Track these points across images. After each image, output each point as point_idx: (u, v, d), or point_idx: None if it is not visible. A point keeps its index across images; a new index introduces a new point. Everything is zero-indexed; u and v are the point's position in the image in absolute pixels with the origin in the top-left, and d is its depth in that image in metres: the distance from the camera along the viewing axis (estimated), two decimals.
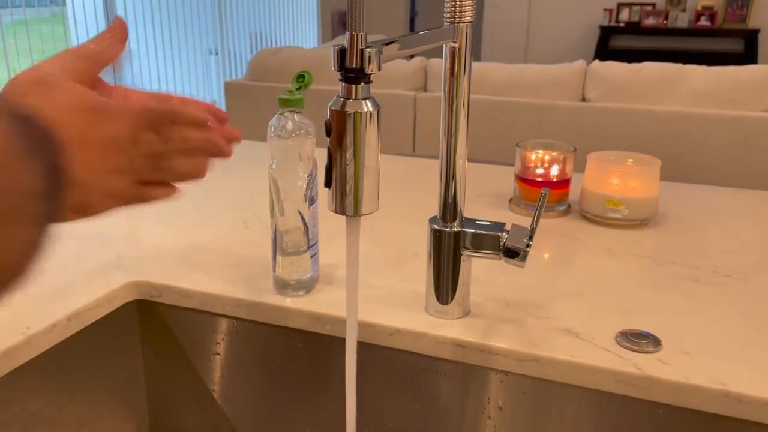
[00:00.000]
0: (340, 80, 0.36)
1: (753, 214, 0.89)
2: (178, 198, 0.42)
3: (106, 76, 0.40)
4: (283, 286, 0.62)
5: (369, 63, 0.36)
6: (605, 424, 0.54)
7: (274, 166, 0.60)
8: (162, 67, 4.38)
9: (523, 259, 0.53)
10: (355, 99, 0.36)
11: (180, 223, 0.82)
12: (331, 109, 0.37)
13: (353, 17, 0.35)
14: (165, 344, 0.66)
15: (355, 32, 0.35)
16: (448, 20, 0.49)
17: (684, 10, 4.95)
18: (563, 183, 0.86)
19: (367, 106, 0.36)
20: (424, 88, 2.52)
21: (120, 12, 3.98)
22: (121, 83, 0.43)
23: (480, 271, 0.65)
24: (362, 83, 0.36)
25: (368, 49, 0.36)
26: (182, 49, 4.46)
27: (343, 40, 0.37)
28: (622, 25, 5.08)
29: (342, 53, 0.36)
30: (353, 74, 0.36)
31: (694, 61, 2.29)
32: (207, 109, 0.42)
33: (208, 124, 0.40)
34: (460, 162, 0.53)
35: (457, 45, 0.50)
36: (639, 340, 0.54)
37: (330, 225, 0.65)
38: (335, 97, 0.37)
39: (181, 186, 0.42)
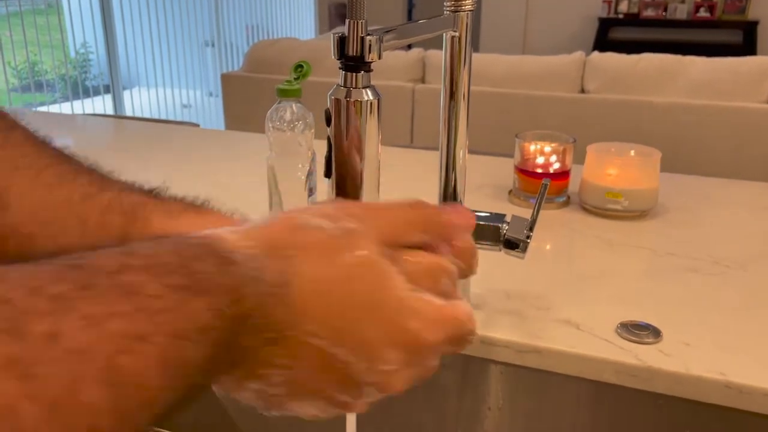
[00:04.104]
0: (340, 68, 0.36)
1: (752, 204, 0.89)
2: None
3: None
4: None
5: (369, 51, 0.35)
6: (605, 415, 0.54)
7: (272, 157, 0.60)
8: (158, 59, 4.35)
9: (524, 250, 0.53)
10: (356, 88, 0.36)
11: None
12: (331, 98, 0.36)
13: (354, 4, 0.34)
14: None
15: (356, 20, 0.35)
16: (448, 9, 0.48)
17: (683, 2, 4.94)
18: (563, 174, 0.86)
19: (368, 95, 0.36)
20: (423, 80, 2.51)
21: (115, 3, 3.95)
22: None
23: (480, 262, 0.64)
24: (362, 72, 0.36)
25: (369, 37, 0.35)
26: (178, 40, 4.43)
27: (343, 28, 0.36)
28: (621, 16, 5.06)
29: (342, 41, 0.35)
30: (353, 62, 0.35)
31: (693, 52, 2.28)
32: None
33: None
34: (460, 153, 0.53)
35: (457, 34, 0.49)
36: (639, 331, 0.54)
37: None
38: (335, 86, 0.36)
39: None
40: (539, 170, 0.86)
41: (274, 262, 0.25)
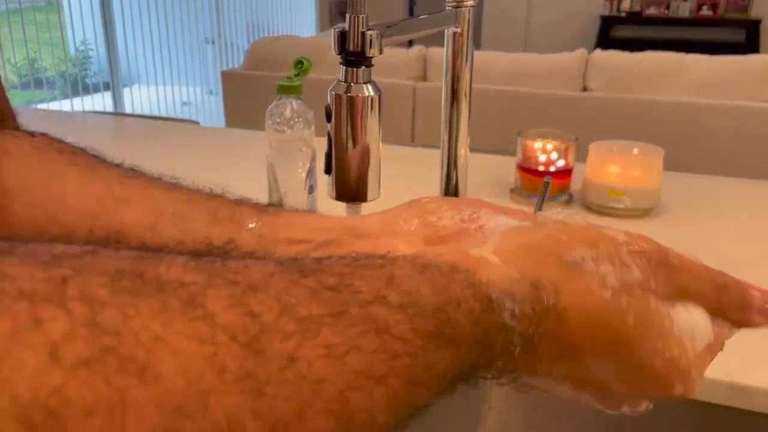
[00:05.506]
0: (340, 63, 0.35)
1: (755, 203, 0.88)
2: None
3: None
4: None
5: (370, 46, 0.35)
6: (606, 416, 0.54)
7: (272, 155, 0.59)
8: (158, 57, 4.34)
9: None
10: (356, 83, 0.35)
11: None
12: (331, 93, 0.36)
13: None
14: None
15: (356, 14, 0.34)
16: (450, 4, 0.48)
17: (685, 0, 4.92)
18: (565, 173, 0.85)
19: (369, 91, 0.35)
20: (424, 78, 2.50)
21: (115, 1, 3.94)
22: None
23: None
24: (363, 67, 0.35)
25: (369, 32, 0.35)
26: (178, 38, 4.42)
27: (344, 24, 0.36)
28: (623, 14, 5.05)
29: (343, 36, 0.35)
30: (354, 57, 0.35)
31: (696, 50, 2.27)
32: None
33: None
34: (462, 151, 0.52)
35: (458, 30, 0.48)
36: None
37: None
38: (336, 81, 0.36)
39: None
40: (541, 168, 0.86)
41: (530, 307, 0.23)
